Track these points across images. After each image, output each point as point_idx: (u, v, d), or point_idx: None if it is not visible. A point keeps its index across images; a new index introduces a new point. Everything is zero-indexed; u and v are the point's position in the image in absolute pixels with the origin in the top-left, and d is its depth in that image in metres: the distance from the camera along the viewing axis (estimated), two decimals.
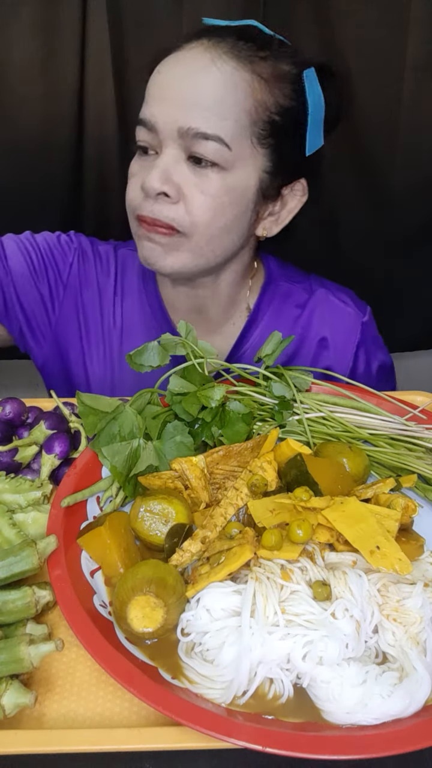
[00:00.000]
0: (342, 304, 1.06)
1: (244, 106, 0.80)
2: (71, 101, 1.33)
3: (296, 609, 0.58)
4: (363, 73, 1.36)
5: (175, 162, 0.82)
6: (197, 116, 0.79)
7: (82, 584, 0.64)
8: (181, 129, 0.80)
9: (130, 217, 0.91)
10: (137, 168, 0.87)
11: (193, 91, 0.79)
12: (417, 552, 0.67)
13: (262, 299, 1.05)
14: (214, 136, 0.79)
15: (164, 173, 0.82)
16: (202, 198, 0.83)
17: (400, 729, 0.53)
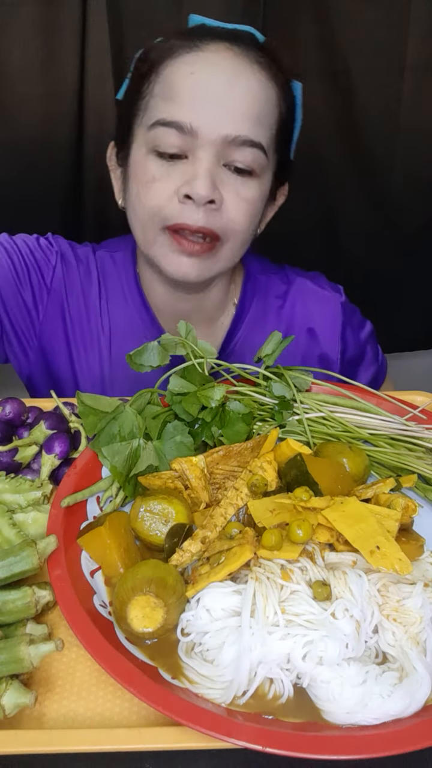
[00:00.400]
0: (320, 290, 1.07)
1: (274, 116, 0.83)
2: (71, 101, 1.33)
3: (296, 609, 0.58)
4: (363, 73, 1.37)
5: (216, 168, 0.81)
6: (246, 124, 0.79)
7: (82, 584, 0.64)
8: (228, 137, 0.79)
9: (151, 227, 0.86)
10: (161, 172, 0.82)
11: (242, 98, 0.78)
12: (417, 552, 0.67)
13: (245, 296, 1.05)
14: (258, 145, 0.80)
15: (212, 180, 0.80)
16: (243, 204, 0.83)
17: (400, 729, 0.53)
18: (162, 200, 0.83)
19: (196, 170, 0.80)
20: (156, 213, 0.84)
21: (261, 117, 0.80)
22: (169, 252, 0.87)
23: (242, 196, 0.83)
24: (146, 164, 0.83)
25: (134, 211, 0.88)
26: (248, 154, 0.80)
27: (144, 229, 0.87)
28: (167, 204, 0.82)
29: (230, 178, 0.82)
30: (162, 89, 0.81)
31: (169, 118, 0.79)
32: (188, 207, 0.82)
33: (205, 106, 0.78)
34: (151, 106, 0.82)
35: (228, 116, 0.78)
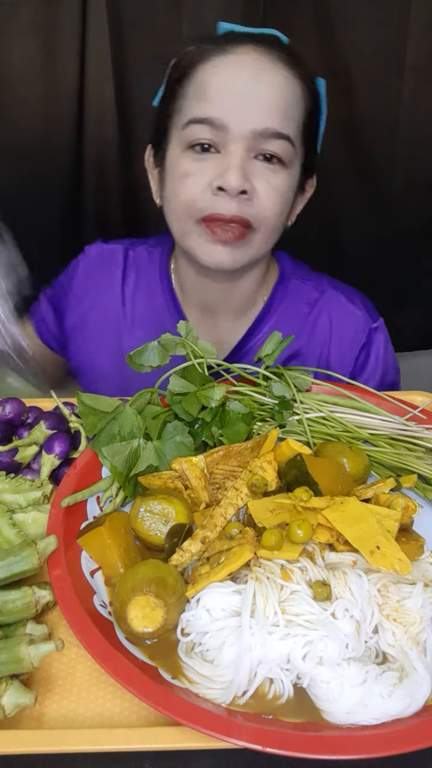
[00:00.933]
0: (352, 306, 1.07)
1: (299, 109, 0.87)
2: (71, 101, 1.33)
3: (296, 609, 0.58)
4: (363, 73, 1.37)
5: (247, 160, 0.85)
6: (273, 117, 0.84)
7: (82, 584, 0.64)
8: (256, 130, 0.84)
9: (186, 220, 0.91)
10: (195, 167, 0.87)
11: (267, 93, 0.83)
12: (417, 552, 0.67)
13: (274, 296, 1.06)
14: (286, 136, 0.85)
15: (243, 171, 0.85)
16: (274, 193, 0.87)
17: (400, 729, 0.53)
18: (196, 193, 0.87)
19: (228, 163, 0.84)
20: (191, 206, 0.88)
21: (287, 110, 0.85)
22: (204, 242, 0.91)
23: (273, 186, 0.87)
24: (181, 161, 0.88)
25: (170, 206, 0.93)
26: (277, 146, 0.85)
27: (180, 222, 0.92)
28: (201, 196, 0.87)
29: (261, 169, 0.86)
30: (194, 90, 0.86)
31: (202, 116, 0.84)
32: (221, 198, 0.86)
33: (233, 102, 0.83)
34: (185, 107, 0.88)
35: (256, 110, 0.83)
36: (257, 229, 0.90)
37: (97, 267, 1.09)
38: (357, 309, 1.07)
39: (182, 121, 0.87)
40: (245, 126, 0.83)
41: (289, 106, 0.85)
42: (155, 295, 1.07)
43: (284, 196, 0.90)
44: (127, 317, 1.08)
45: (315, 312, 1.06)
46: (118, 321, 1.09)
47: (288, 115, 0.86)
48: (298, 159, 0.91)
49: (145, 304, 1.08)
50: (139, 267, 1.08)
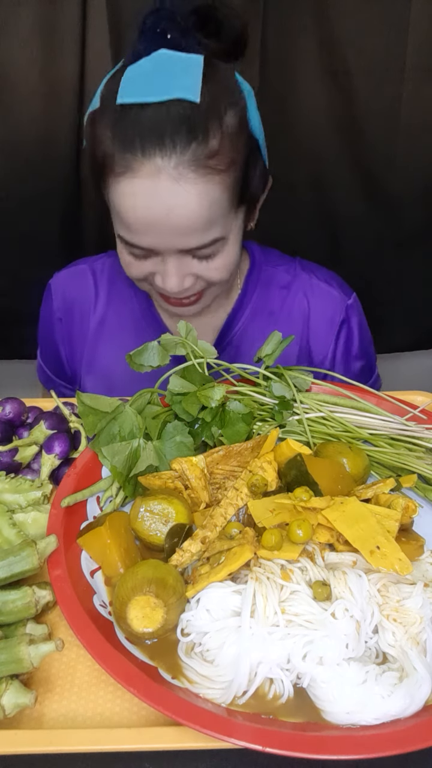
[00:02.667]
0: (326, 285, 1.07)
1: (221, 202, 0.82)
2: (71, 101, 1.33)
3: (296, 609, 0.58)
4: (363, 73, 1.37)
5: (182, 262, 0.85)
6: (193, 239, 0.82)
7: (82, 584, 0.64)
8: (183, 249, 0.83)
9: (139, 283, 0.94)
10: (134, 261, 0.88)
11: (182, 222, 0.80)
12: (417, 552, 0.67)
13: (247, 286, 1.07)
14: (211, 242, 0.84)
15: (180, 275, 0.86)
16: (219, 271, 0.89)
17: (400, 729, 0.53)
18: (141, 276, 0.90)
19: (165, 269, 0.85)
20: (136, 281, 0.93)
21: (207, 222, 0.82)
22: (161, 301, 0.95)
23: (216, 266, 0.88)
24: (122, 251, 0.89)
25: None
26: (208, 249, 0.85)
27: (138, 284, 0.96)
28: (146, 279, 0.90)
29: (200, 262, 0.86)
30: (115, 210, 0.84)
31: (129, 240, 0.84)
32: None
33: (153, 234, 0.82)
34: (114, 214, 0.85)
35: (176, 237, 0.81)
36: (212, 288, 0.92)
37: (70, 285, 1.10)
38: (331, 288, 1.07)
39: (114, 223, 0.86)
40: (171, 247, 0.83)
41: (209, 216, 0.81)
42: (129, 299, 1.07)
43: (231, 261, 0.89)
44: (106, 324, 1.08)
45: (290, 296, 1.07)
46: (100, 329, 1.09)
47: (211, 224, 0.82)
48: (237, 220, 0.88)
49: (120, 309, 1.08)
50: (110, 275, 1.08)
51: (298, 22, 1.32)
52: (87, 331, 1.09)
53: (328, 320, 1.07)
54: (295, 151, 1.47)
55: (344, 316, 1.07)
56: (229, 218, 0.86)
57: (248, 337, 1.06)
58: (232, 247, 0.89)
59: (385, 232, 1.56)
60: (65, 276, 1.10)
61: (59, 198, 1.46)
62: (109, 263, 1.09)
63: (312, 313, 1.06)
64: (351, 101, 1.40)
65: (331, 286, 1.07)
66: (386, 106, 1.40)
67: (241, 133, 0.83)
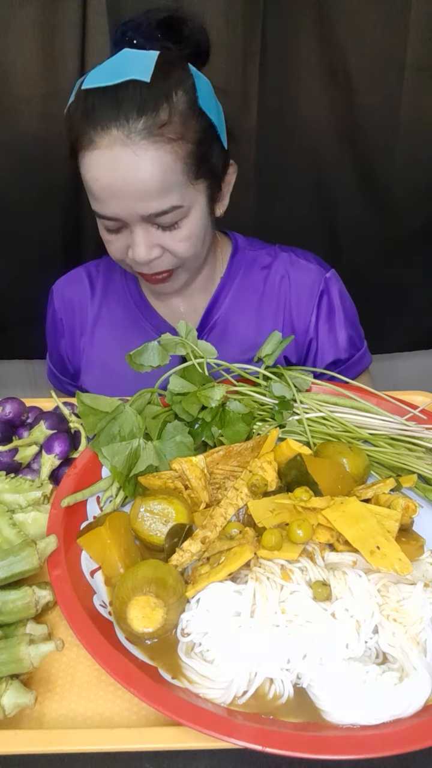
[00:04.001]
0: (305, 261, 1.13)
1: (175, 169, 0.90)
2: None
3: (296, 609, 0.58)
4: (363, 73, 1.37)
5: (148, 232, 0.93)
6: (152, 204, 0.90)
7: (82, 584, 0.64)
8: (143, 216, 0.91)
9: (123, 265, 1.02)
10: (111, 237, 0.97)
11: (138, 186, 0.88)
12: (417, 552, 0.67)
13: (230, 269, 1.13)
14: (170, 209, 0.91)
15: (147, 245, 0.93)
16: (182, 244, 0.95)
17: (400, 729, 0.53)
18: (119, 255, 0.99)
19: (133, 240, 0.94)
20: (120, 261, 1.01)
21: (163, 187, 0.89)
22: (141, 280, 1.04)
23: (179, 239, 0.95)
24: (101, 227, 0.98)
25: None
26: (168, 217, 0.92)
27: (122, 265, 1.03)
28: (124, 257, 0.98)
29: (164, 233, 0.94)
30: (85, 184, 0.93)
31: (98, 212, 0.94)
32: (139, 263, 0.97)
33: (116, 200, 0.90)
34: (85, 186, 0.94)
35: (135, 202, 0.90)
36: (183, 265, 0.99)
37: (68, 289, 1.19)
38: (309, 263, 1.13)
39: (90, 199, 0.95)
40: (134, 214, 0.91)
41: (164, 182, 0.89)
42: (124, 297, 1.15)
43: (194, 236, 0.96)
44: (103, 316, 1.16)
45: (272, 274, 1.12)
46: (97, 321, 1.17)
47: (168, 189, 0.90)
48: (198, 196, 0.95)
49: (116, 302, 1.16)
50: (106, 276, 1.18)
51: (298, 22, 1.32)
52: (85, 325, 1.17)
53: (308, 292, 1.12)
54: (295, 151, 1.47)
55: (324, 287, 1.12)
56: (188, 190, 0.93)
57: (233, 316, 1.12)
58: (195, 220, 0.95)
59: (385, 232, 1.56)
60: (64, 281, 1.21)
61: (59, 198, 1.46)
62: (104, 264, 1.19)
63: (292, 286, 1.12)
64: (351, 101, 1.40)
65: (309, 262, 1.13)
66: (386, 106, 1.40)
67: (191, 111, 0.91)
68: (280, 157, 1.47)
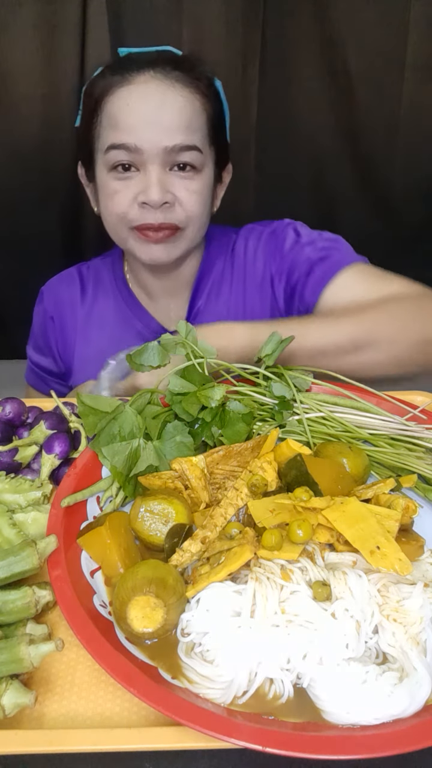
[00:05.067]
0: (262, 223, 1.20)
1: (202, 119, 0.99)
2: (71, 101, 1.33)
3: (296, 609, 0.58)
4: (363, 73, 1.37)
5: (164, 174, 0.98)
6: (179, 134, 0.96)
7: (82, 584, 0.64)
8: (167, 147, 0.96)
9: (121, 228, 1.04)
10: (120, 185, 1.00)
11: (170, 114, 0.95)
12: (417, 552, 0.67)
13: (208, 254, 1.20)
14: (193, 146, 0.98)
15: (162, 185, 0.97)
16: (193, 197, 1.01)
17: (400, 729, 0.53)
18: (124, 207, 1.01)
19: (148, 180, 0.97)
20: (122, 218, 1.03)
21: (191, 124, 0.97)
22: (140, 245, 1.06)
23: (191, 190, 1.00)
24: (108, 181, 1.01)
25: (105, 218, 1.08)
26: (188, 156, 0.98)
27: (116, 231, 1.07)
28: (129, 210, 1.01)
29: (178, 179, 0.99)
30: (108, 121, 0.99)
31: (118, 142, 0.97)
32: (147, 210, 1.00)
33: (142, 128, 0.96)
34: (103, 135, 1.00)
35: (163, 131, 0.95)
36: (185, 228, 1.04)
37: (60, 288, 1.23)
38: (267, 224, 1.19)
39: (103, 147, 1.00)
40: (157, 145, 0.95)
41: (191, 120, 0.97)
42: (114, 295, 1.20)
43: (203, 196, 1.03)
44: (94, 314, 1.21)
45: (237, 245, 1.19)
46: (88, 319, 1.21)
47: (192, 128, 0.97)
48: (209, 160, 1.03)
49: (106, 300, 1.21)
50: (96, 276, 1.23)
51: (298, 22, 1.32)
52: (77, 323, 1.21)
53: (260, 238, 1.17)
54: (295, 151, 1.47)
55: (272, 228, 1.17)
56: (206, 147, 1.01)
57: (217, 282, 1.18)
58: (205, 181, 1.02)
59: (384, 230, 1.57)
60: (56, 281, 1.25)
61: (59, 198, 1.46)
62: (95, 265, 1.24)
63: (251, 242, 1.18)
64: (351, 101, 1.40)
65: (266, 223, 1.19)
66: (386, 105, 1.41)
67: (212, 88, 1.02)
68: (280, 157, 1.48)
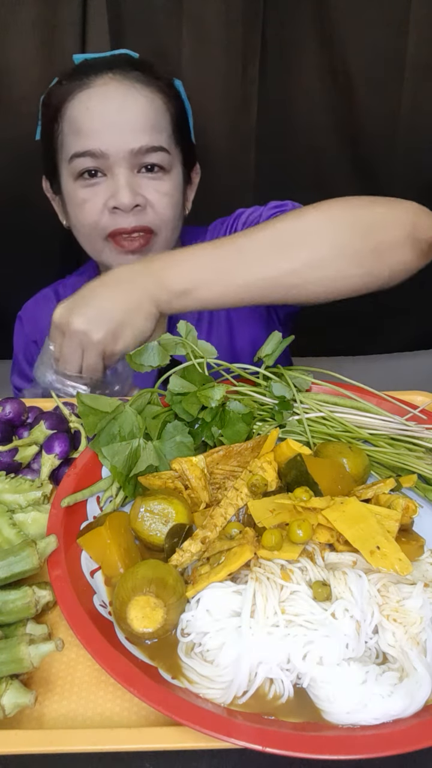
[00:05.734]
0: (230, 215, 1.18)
1: (166, 119, 0.96)
2: None
3: (296, 609, 0.58)
4: (363, 73, 1.37)
5: (133, 177, 0.95)
6: (144, 135, 0.93)
7: (82, 584, 0.64)
8: (133, 149, 0.93)
9: (95, 239, 1.02)
10: (88, 193, 0.97)
11: (134, 116, 0.93)
12: (417, 552, 0.67)
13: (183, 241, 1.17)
14: (159, 147, 0.95)
15: (131, 188, 0.95)
16: (164, 199, 0.98)
17: (400, 729, 0.53)
18: (95, 215, 0.98)
19: (117, 184, 0.95)
20: (94, 227, 1.00)
21: (155, 125, 0.96)
22: (115, 255, 1.03)
23: (162, 192, 0.98)
24: (75, 191, 0.99)
25: (77, 230, 1.05)
26: (155, 157, 0.96)
27: (90, 242, 1.04)
28: (100, 217, 0.99)
29: (147, 181, 0.97)
30: (69, 127, 0.96)
31: (81, 150, 0.95)
32: (119, 215, 0.98)
33: (106, 131, 0.93)
34: (65, 143, 0.97)
35: (127, 134, 0.93)
36: (159, 232, 1.01)
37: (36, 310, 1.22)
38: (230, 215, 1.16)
39: (67, 156, 0.98)
40: (122, 148, 0.93)
41: (156, 121, 0.95)
42: None
43: (174, 198, 1.01)
44: None
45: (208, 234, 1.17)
46: None
47: (157, 128, 0.95)
48: (177, 160, 1.01)
49: None
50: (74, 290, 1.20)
51: (298, 22, 1.32)
52: None
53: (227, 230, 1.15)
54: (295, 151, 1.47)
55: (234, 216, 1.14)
56: (172, 147, 0.98)
57: None
58: (174, 183, 1.00)
59: None
60: (32, 304, 1.24)
61: None
62: (72, 282, 1.22)
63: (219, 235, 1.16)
64: (351, 101, 1.40)
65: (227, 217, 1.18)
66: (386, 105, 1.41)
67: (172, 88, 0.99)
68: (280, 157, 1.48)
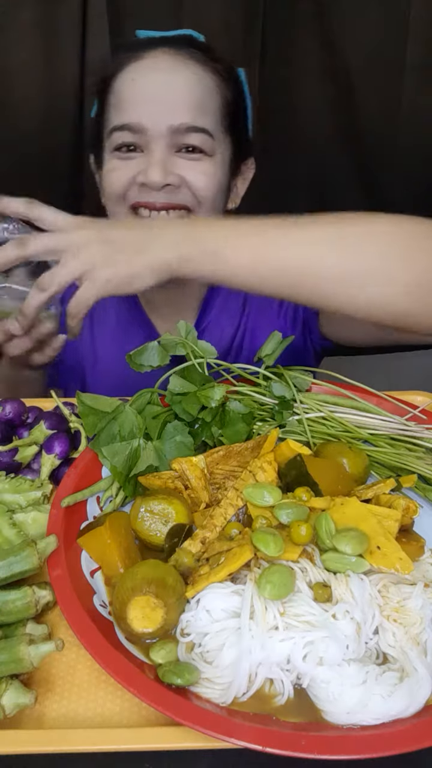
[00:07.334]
0: None
1: (216, 102, 0.91)
2: (71, 101, 1.33)
3: (296, 610, 0.58)
4: (363, 73, 1.37)
5: (169, 156, 0.90)
6: (187, 113, 0.88)
7: (82, 584, 0.64)
8: (172, 126, 0.88)
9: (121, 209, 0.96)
10: (120, 164, 0.93)
11: (178, 92, 0.88)
12: (417, 552, 0.67)
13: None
14: (202, 129, 0.89)
15: (164, 167, 0.90)
16: (203, 177, 0.93)
17: (400, 729, 0.53)
18: (122, 185, 0.93)
19: (149, 160, 0.90)
20: (119, 196, 0.95)
21: (201, 105, 0.89)
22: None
23: (200, 171, 0.92)
24: (110, 161, 0.96)
25: (106, 204, 1.00)
26: (195, 138, 0.90)
27: (115, 214, 0.98)
28: (128, 189, 0.93)
29: (185, 161, 0.92)
30: (115, 100, 0.93)
31: (120, 123, 0.91)
32: (147, 191, 0.92)
33: (148, 104, 0.88)
34: (109, 117, 0.95)
35: (169, 109, 0.88)
36: (197, 209, 0.95)
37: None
38: None
39: (108, 129, 0.94)
40: (162, 124, 0.88)
41: (203, 101, 0.89)
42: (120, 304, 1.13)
43: (214, 179, 0.94)
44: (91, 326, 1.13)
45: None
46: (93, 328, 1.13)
47: (203, 109, 0.89)
48: (223, 146, 0.95)
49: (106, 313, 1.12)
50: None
51: (298, 22, 1.32)
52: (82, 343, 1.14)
53: None
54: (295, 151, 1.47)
55: None
56: (218, 131, 0.92)
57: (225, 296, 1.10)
58: (217, 166, 0.94)
59: None
60: None
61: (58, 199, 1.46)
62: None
63: None
64: (351, 101, 1.40)
65: None
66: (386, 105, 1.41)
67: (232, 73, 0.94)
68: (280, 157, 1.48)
